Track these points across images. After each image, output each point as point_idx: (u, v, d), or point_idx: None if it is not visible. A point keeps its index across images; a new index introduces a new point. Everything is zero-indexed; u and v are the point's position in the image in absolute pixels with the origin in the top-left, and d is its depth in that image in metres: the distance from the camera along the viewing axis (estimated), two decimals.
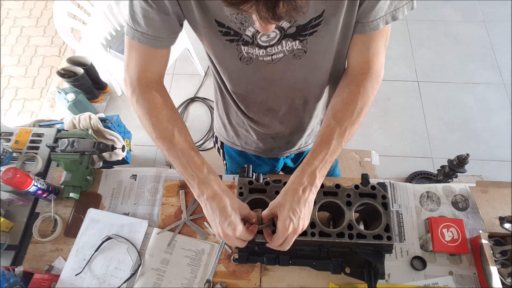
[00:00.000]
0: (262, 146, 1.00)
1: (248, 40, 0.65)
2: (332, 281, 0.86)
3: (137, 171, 1.06)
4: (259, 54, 0.67)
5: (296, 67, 0.71)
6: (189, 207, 0.98)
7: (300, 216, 0.64)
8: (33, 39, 2.77)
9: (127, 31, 0.67)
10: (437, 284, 0.87)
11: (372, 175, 1.99)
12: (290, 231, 0.64)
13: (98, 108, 2.37)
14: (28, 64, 2.65)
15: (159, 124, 0.68)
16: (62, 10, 1.72)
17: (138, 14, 0.63)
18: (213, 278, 0.88)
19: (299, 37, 0.65)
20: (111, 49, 1.88)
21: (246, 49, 0.67)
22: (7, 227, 0.94)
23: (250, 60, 0.69)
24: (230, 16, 0.60)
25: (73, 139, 1.00)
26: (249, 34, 0.64)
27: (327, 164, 0.67)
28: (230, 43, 0.66)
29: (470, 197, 0.98)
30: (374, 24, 0.64)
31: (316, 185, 0.66)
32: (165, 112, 0.69)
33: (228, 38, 0.65)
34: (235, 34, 0.64)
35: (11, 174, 0.85)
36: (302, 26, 0.62)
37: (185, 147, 0.67)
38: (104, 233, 0.94)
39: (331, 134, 0.67)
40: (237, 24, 0.62)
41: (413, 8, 0.64)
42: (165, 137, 0.67)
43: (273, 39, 0.64)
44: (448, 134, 2.21)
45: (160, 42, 0.68)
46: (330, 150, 0.66)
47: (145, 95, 0.69)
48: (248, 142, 1.00)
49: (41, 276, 0.85)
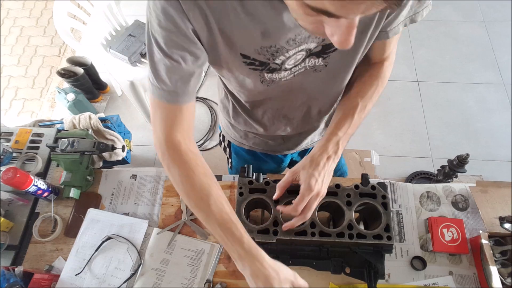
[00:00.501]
0: (271, 144, 1.00)
1: (275, 67, 0.64)
2: (332, 281, 0.86)
3: (137, 171, 1.06)
4: (284, 76, 0.67)
5: (316, 79, 0.71)
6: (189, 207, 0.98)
7: (323, 181, 0.66)
8: (33, 39, 2.77)
9: (153, 91, 0.63)
10: (437, 284, 0.87)
11: (372, 175, 1.99)
12: (314, 191, 0.65)
13: (98, 108, 2.37)
14: (28, 64, 2.65)
15: (194, 194, 0.64)
16: (62, 10, 1.72)
17: (161, 70, 0.60)
18: (213, 278, 0.88)
19: (323, 55, 0.64)
20: (111, 49, 1.88)
21: (269, 76, 0.66)
22: (7, 227, 0.94)
23: (272, 82, 0.69)
24: (259, 49, 0.59)
25: (73, 139, 1.00)
26: (278, 63, 0.63)
27: (348, 136, 0.71)
28: (254, 71, 0.65)
29: (470, 197, 0.98)
30: (395, 29, 0.66)
31: (338, 155, 0.69)
32: (198, 179, 0.64)
33: (252, 67, 0.64)
34: (261, 64, 0.63)
35: (11, 174, 0.85)
36: (328, 45, 0.62)
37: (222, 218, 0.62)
38: (104, 233, 0.94)
39: (354, 108, 0.72)
40: (266, 56, 0.61)
41: (430, 9, 0.66)
42: (201, 207, 0.63)
43: (299, 59, 0.64)
44: (448, 134, 2.21)
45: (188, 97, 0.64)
46: (352, 123, 0.71)
47: (176, 161, 0.65)
48: (256, 142, 1.00)
49: (41, 276, 0.85)
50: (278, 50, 0.59)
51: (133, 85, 1.85)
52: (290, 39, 0.58)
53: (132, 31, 1.94)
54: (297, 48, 0.60)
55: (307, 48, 0.61)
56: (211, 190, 0.64)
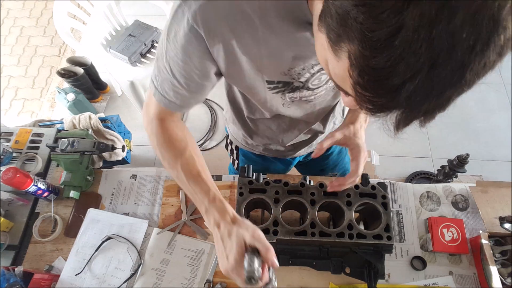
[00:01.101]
0: (281, 151, 1.00)
1: (298, 85, 0.64)
2: (332, 281, 0.86)
3: (137, 171, 1.06)
4: (305, 95, 0.67)
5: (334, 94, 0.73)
6: (189, 207, 0.98)
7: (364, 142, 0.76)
8: (33, 39, 2.77)
9: (154, 93, 0.65)
10: (437, 284, 0.87)
11: (372, 175, 1.99)
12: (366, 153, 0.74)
13: (98, 108, 2.37)
14: (28, 64, 2.65)
15: (168, 155, 0.67)
16: (62, 10, 1.72)
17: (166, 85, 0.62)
18: (213, 278, 0.88)
19: None
20: (111, 49, 1.88)
21: (291, 95, 0.66)
22: (7, 227, 0.94)
23: (292, 103, 0.69)
24: (287, 71, 0.58)
25: (73, 139, 1.00)
26: (302, 80, 0.62)
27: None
28: (276, 94, 0.65)
29: (470, 197, 0.98)
30: None
31: (367, 121, 0.78)
32: (173, 142, 0.68)
33: (275, 90, 0.64)
34: (284, 85, 0.63)
35: (11, 174, 0.85)
36: None
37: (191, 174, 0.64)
38: (104, 233, 0.94)
39: None
40: (292, 75, 0.60)
41: None
42: (173, 166, 0.66)
43: (323, 80, 0.64)
44: (448, 134, 2.21)
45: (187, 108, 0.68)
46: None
47: (158, 130, 0.68)
48: (267, 148, 1.00)
49: (41, 276, 0.85)
50: (305, 68, 0.59)
51: (133, 85, 1.85)
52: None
53: (132, 31, 1.94)
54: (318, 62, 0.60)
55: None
56: (185, 150, 0.67)
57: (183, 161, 0.65)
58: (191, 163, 0.65)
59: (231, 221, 0.57)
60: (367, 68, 0.31)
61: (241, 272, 0.52)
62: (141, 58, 1.92)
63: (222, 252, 0.56)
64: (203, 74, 0.59)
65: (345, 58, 0.34)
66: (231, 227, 0.56)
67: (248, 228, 0.55)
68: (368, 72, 0.32)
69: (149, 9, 2.61)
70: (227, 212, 0.59)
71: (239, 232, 0.54)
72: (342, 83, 0.38)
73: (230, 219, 0.58)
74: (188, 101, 0.65)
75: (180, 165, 0.65)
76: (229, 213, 0.59)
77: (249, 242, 0.53)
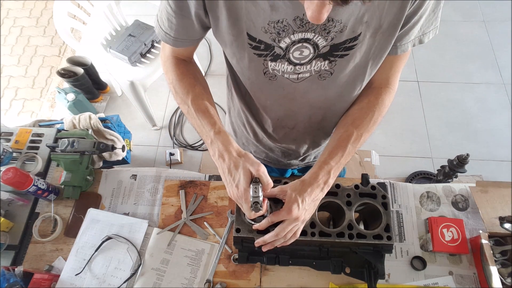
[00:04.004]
0: (271, 156, 0.99)
1: (279, 53, 0.63)
2: (332, 281, 0.86)
3: (137, 171, 1.06)
4: (286, 70, 0.66)
5: (319, 87, 0.70)
6: (189, 207, 0.98)
7: (306, 208, 0.66)
8: (33, 39, 2.77)
9: (156, 27, 0.70)
10: (437, 284, 0.87)
11: (372, 175, 1.99)
12: (293, 216, 0.64)
13: (98, 108, 2.37)
14: (28, 64, 2.65)
15: (180, 90, 0.73)
16: (62, 10, 1.72)
17: (163, 15, 0.66)
18: (213, 278, 0.88)
19: (330, 57, 0.63)
20: (111, 49, 1.88)
21: (272, 66, 0.66)
22: (7, 227, 0.94)
23: (274, 77, 0.68)
24: (267, 26, 0.59)
25: (73, 139, 1.00)
26: (282, 46, 0.62)
27: (341, 166, 0.69)
28: (258, 57, 0.65)
29: (470, 197, 0.98)
30: (404, 46, 0.66)
31: (329, 184, 0.68)
32: (186, 79, 0.74)
33: (257, 52, 0.64)
34: (266, 48, 0.62)
35: (11, 174, 0.85)
36: (336, 46, 0.61)
37: (199, 108, 0.70)
38: (104, 233, 0.94)
39: (348, 138, 0.70)
40: (272, 35, 0.60)
41: (436, 33, 0.67)
42: (184, 101, 0.72)
43: (306, 57, 0.63)
44: (448, 134, 2.21)
45: (181, 43, 0.70)
46: (346, 153, 0.69)
47: (173, 68, 0.75)
48: (257, 151, 0.99)
49: (41, 276, 0.85)
50: (285, 28, 0.58)
51: (133, 85, 1.85)
52: (297, 17, 0.57)
53: (132, 31, 1.95)
54: (303, 34, 0.59)
55: (314, 42, 0.60)
56: (195, 86, 0.73)
57: (193, 95, 0.71)
58: (201, 97, 0.71)
59: (236, 154, 0.64)
60: None
61: (248, 199, 0.62)
62: (141, 58, 1.92)
63: (231, 182, 0.64)
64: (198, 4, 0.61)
65: None
66: (237, 160, 0.63)
67: (254, 163, 0.63)
68: None
69: (149, 9, 2.61)
70: (231, 145, 0.65)
71: (245, 166, 0.62)
72: None
73: (235, 152, 0.64)
74: (180, 31, 0.67)
75: (190, 100, 0.71)
76: (233, 146, 0.65)
77: (255, 175, 0.62)
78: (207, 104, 0.71)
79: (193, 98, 0.71)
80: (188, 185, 1.01)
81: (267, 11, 0.56)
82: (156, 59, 1.93)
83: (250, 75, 0.71)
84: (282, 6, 0.55)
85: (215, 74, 2.47)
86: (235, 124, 0.97)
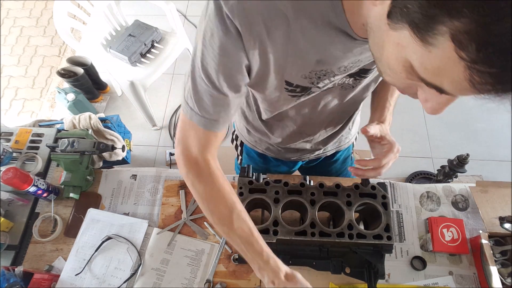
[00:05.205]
0: (284, 153, 1.00)
1: (315, 90, 0.63)
2: (332, 281, 0.86)
3: (137, 171, 1.06)
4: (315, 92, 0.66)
5: (341, 96, 0.71)
6: (189, 207, 0.98)
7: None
8: (33, 39, 2.77)
9: (191, 116, 0.62)
10: (437, 284, 0.87)
11: None
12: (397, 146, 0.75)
13: (98, 108, 2.37)
14: (28, 64, 2.65)
15: (218, 210, 0.66)
16: (62, 10, 1.72)
17: (205, 100, 0.59)
18: (213, 278, 0.88)
19: (357, 77, 0.64)
20: (111, 49, 1.88)
21: (304, 98, 0.66)
22: (7, 227, 0.94)
23: (302, 103, 0.69)
24: (307, 74, 0.58)
25: (73, 139, 1.00)
26: (320, 86, 0.62)
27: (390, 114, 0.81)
28: (292, 97, 0.65)
29: (470, 197, 0.98)
30: None
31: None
32: (223, 197, 0.66)
33: (292, 94, 0.64)
34: (302, 90, 0.62)
35: (11, 174, 0.85)
36: (365, 70, 0.61)
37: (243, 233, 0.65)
38: (104, 233, 0.94)
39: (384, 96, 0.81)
40: (312, 79, 0.59)
41: None
42: (224, 223, 0.65)
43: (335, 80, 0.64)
44: (448, 134, 2.21)
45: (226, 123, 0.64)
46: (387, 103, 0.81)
47: (202, 179, 0.66)
48: (270, 149, 0.99)
49: (41, 276, 0.85)
50: (327, 74, 0.58)
51: (133, 85, 1.85)
52: (343, 66, 0.57)
53: (132, 31, 1.94)
54: (344, 74, 0.60)
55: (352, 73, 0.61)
56: (235, 206, 0.65)
57: (234, 218, 0.64)
58: (242, 220, 0.65)
59: (285, 279, 0.63)
60: (489, 37, 0.27)
61: None
62: (141, 58, 1.92)
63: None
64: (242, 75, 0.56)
65: (444, 42, 0.30)
66: (286, 284, 0.62)
67: (303, 284, 0.64)
68: (492, 41, 0.27)
69: (149, 9, 2.61)
70: (280, 270, 0.63)
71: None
72: (437, 75, 0.34)
73: (285, 277, 0.63)
74: (229, 112, 0.62)
75: (233, 224, 0.64)
76: (282, 270, 0.63)
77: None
78: (250, 226, 0.65)
79: (235, 222, 0.64)
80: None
81: (313, 64, 0.56)
82: (156, 59, 1.93)
83: (278, 107, 0.71)
84: (331, 60, 0.55)
85: None
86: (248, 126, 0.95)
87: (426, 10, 0.29)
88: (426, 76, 0.35)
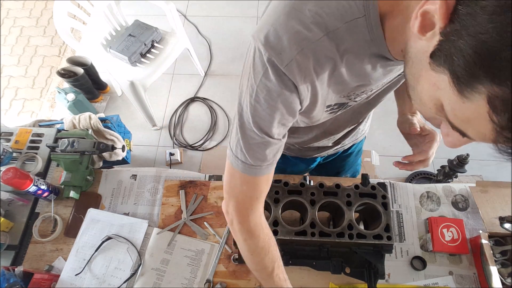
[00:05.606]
0: (304, 152, 0.99)
1: (352, 104, 0.64)
2: (332, 281, 0.86)
3: (137, 171, 1.06)
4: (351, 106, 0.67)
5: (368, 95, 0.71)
6: (189, 207, 0.98)
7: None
8: (33, 39, 2.77)
9: (243, 169, 0.60)
10: (437, 284, 0.87)
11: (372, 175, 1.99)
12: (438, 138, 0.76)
13: (98, 108, 2.37)
14: (28, 64, 2.65)
15: (262, 263, 0.70)
16: (62, 10, 1.72)
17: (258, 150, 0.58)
18: (213, 278, 0.88)
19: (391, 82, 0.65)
20: (111, 49, 1.88)
21: (340, 112, 0.66)
22: (7, 227, 0.94)
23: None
24: (346, 94, 0.58)
25: (73, 139, 1.00)
26: (357, 100, 0.62)
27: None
28: (329, 113, 0.65)
29: (470, 197, 0.98)
30: None
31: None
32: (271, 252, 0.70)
33: (330, 111, 0.64)
34: (339, 106, 0.63)
35: (11, 174, 0.85)
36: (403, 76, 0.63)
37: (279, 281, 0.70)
38: (104, 233, 0.94)
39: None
40: (350, 97, 0.60)
41: None
42: (265, 272, 0.70)
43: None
44: None
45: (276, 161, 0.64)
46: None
47: (254, 236, 0.68)
48: (291, 148, 0.99)
49: (41, 276, 0.85)
50: (365, 91, 0.59)
51: (133, 85, 1.85)
52: (381, 83, 0.59)
53: (132, 31, 1.94)
54: (379, 86, 0.61)
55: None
56: (276, 262, 0.70)
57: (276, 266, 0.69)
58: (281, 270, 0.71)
59: None
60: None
61: None
62: (141, 58, 1.92)
63: None
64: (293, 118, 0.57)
65: (479, 100, 0.31)
66: None
67: None
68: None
69: (149, 9, 2.61)
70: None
71: None
72: (465, 123, 0.35)
73: None
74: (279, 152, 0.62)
75: (273, 274, 0.69)
76: None
77: None
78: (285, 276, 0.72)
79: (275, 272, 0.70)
80: (188, 185, 1.01)
81: (352, 88, 0.56)
82: (156, 59, 1.93)
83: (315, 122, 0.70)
84: (370, 82, 0.56)
85: (215, 74, 2.46)
86: None
87: (471, 68, 0.30)
88: (454, 121, 0.37)
